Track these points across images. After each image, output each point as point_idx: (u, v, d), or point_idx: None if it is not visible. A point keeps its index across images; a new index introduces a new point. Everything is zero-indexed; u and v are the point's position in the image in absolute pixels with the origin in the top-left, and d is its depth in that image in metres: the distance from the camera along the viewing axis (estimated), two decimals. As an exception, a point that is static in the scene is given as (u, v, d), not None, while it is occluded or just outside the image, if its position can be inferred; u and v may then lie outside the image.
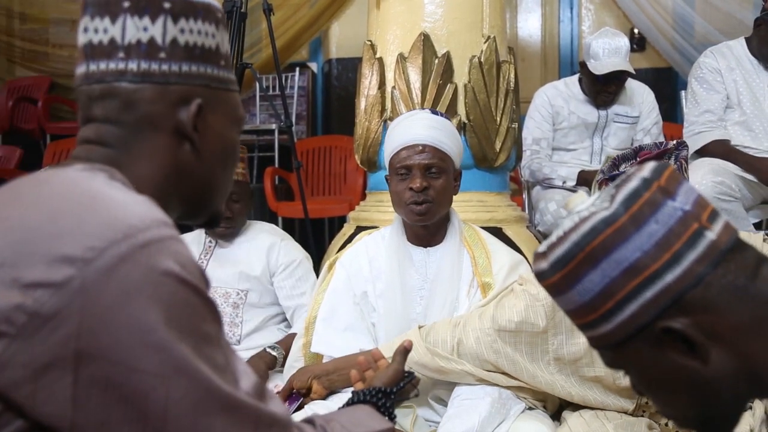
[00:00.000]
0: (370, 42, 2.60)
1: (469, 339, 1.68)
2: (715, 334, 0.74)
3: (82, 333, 0.66)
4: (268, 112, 5.34)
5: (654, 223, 0.74)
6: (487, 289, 1.80)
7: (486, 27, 2.52)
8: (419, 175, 1.78)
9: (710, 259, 0.74)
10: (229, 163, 0.94)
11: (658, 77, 5.12)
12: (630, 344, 0.77)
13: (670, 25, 5.28)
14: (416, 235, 1.87)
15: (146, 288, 0.68)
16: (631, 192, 0.76)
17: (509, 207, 2.59)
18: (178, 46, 0.85)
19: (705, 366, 0.74)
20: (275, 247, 2.27)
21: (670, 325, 0.74)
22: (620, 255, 0.75)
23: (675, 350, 0.75)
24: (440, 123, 1.83)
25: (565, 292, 0.79)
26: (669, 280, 0.73)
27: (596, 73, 2.95)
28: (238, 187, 2.17)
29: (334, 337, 1.84)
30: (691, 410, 0.78)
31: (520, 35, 5.83)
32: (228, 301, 2.23)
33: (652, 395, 0.80)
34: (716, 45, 2.99)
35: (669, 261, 0.74)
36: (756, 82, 2.83)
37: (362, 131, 2.58)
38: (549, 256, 0.79)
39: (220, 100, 0.90)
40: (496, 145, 2.50)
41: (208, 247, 2.29)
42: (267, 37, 3.47)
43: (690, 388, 0.76)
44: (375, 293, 1.86)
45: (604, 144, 3.17)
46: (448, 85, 2.44)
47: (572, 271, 0.77)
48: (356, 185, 4.61)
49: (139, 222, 0.71)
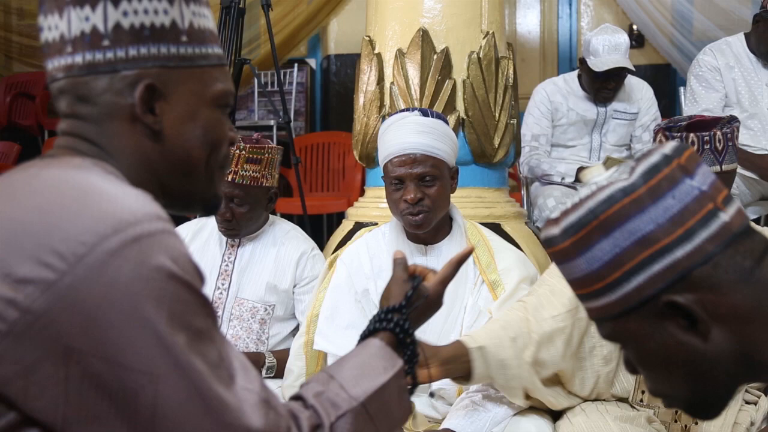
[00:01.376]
0: (368, 38, 2.60)
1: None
2: (717, 314, 0.75)
3: (73, 330, 0.66)
4: (267, 108, 5.34)
5: (671, 198, 0.75)
6: (495, 287, 1.80)
7: (485, 23, 2.52)
8: (413, 188, 1.75)
9: (722, 239, 0.75)
10: (210, 142, 0.88)
11: (656, 74, 5.11)
12: (632, 316, 0.77)
13: (668, 21, 5.28)
14: (416, 234, 1.86)
15: (136, 284, 0.68)
16: (652, 166, 0.77)
17: (508, 203, 2.59)
18: (122, 30, 0.81)
19: (704, 343, 0.75)
20: (305, 256, 2.14)
21: (675, 299, 0.74)
22: (634, 225, 0.75)
23: (676, 325, 0.76)
24: (431, 126, 1.79)
25: (573, 259, 0.79)
26: (679, 255, 0.74)
27: (596, 70, 2.95)
28: (240, 190, 2.03)
29: (336, 334, 1.83)
30: (684, 388, 0.78)
31: (519, 31, 5.83)
32: (255, 318, 2.10)
33: (647, 371, 0.81)
34: (715, 42, 2.99)
35: (681, 236, 0.75)
36: (755, 80, 2.84)
37: (361, 127, 2.57)
38: (561, 222, 0.79)
39: (184, 78, 0.85)
40: (495, 141, 2.50)
41: (231, 248, 2.15)
42: (265, 33, 3.47)
43: (687, 364, 0.76)
44: (377, 291, 1.85)
45: (602, 140, 3.17)
46: (447, 81, 2.44)
47: (584, 237, 0.77)
48: (355, 181, 4.61)
49: (129, 216, 0.71)
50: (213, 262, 2.14)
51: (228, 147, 0.93)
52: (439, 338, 1.79)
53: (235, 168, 2.02)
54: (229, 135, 0.92)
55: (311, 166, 5.02)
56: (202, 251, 2.16)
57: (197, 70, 0.86)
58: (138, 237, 0.70)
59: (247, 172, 2.04)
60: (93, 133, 0.83)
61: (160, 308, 0.69)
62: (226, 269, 2.14)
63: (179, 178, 0.87)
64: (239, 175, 2.03)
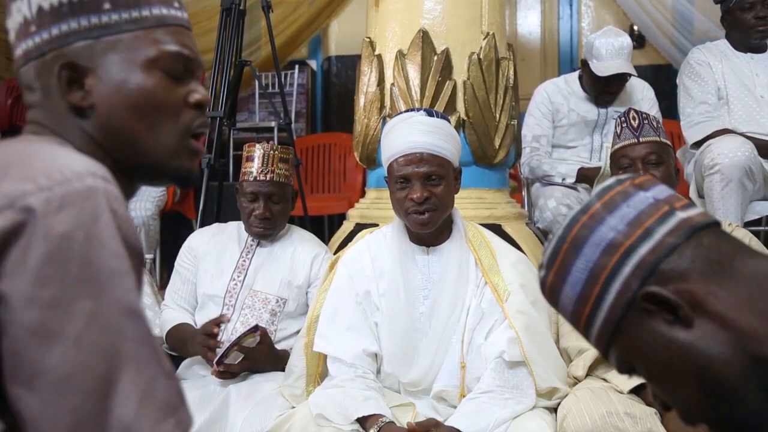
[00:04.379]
0: (369, 39, 2.60)
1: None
2: (696, 302, 0.76)
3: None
4: (268, 109, 5.34)
5: (626, 207, 0.81)
6: (498, 289, 1.80)
7: (485, 24, 2.52)
8: (419, 186, 1.76)
9: (681, 231, 0.79)
10: (150, 110, 0.83)
11: (657, 74, 5.11)
12: (624, 328, 0.79)
13: (669, 22, 5.27)
14: (418, 236, 1.86)
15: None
16: (605, 186, 0.84)
17: (508, 204, 2.59)
18: (43, 12, 0.80)
19: (689, 332, 0.76)
20: (319, 257, 2.23)
21: (649, 290, 0.77)
22: (597, 237, 0.81)
23: (662, 322, 0.77)
24: (437, 126, 1.81)
25: (561, 291, 0.83)
26: (643, 252, 0.78)
27: (599, 74, 2.95)
28: (278, 188, 2.15)
29: (336, 337, 1.84)
30: (697, 393, 0.77)
31: (519, 32, 5.83)
32: (266, 308, 2.16)
33: (660, 386, 0.81)
34: (703, 44, 3.02)
35: (641, 236, 0.79)
36: (746, 71, 2.85)
37: (361, 128, 2.58)
38: (544, 259, 0.85)
39: (110, 46, 0.81)
40: (495, 142, 2.50)
41: (250, 246, 2.24)
42: (266, 35, 3.47)
43: (684, 363, 0.77)
44: (378, 292, 1.85)
45: (603, 141, 3.16)
46: (447, 82, 2.44)
47: (561, 263, 0.83)
48: (356, 183, 4.61)
49: (71, 173, 0.69)
50: (231, 257, 2.23)
51: (194, 111, 0.87)
52: (441, 339, 1.79)
53: (272, 167, 2.16)
54: (190, 99, 0.86)
55: (312, 167, 5.02)
56: (221, 250, 2.25)
57: (126, 36, 0.82)
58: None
59: (281, 170, 2.18)
60: (44, 119, 0.84)
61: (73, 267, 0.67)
62: (243, 263, 2.23)
63: (126, 151, 0.84)
64: (276, 173, 2.16)
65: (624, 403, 1.63)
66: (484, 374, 1.75)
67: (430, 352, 1.80)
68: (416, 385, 1.81)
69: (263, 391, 1.95)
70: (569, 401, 1.68)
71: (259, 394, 1.94)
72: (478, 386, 1.74)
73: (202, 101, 0.88)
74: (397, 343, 1.81)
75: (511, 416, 1.68)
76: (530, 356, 1.73)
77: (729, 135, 2.68)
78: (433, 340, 1.80)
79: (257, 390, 1.97)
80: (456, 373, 1.79)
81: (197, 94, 0.87)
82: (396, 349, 1.81)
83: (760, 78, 2.84)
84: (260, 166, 2.15)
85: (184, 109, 0.86)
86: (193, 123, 0.87)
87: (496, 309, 1.79)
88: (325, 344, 1.85)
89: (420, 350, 1.80)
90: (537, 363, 1.74)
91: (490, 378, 1.73)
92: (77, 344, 0.64)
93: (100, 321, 0.65)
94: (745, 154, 2.54)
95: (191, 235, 2.34)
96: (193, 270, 2.26)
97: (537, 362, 1.74)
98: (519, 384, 1.73)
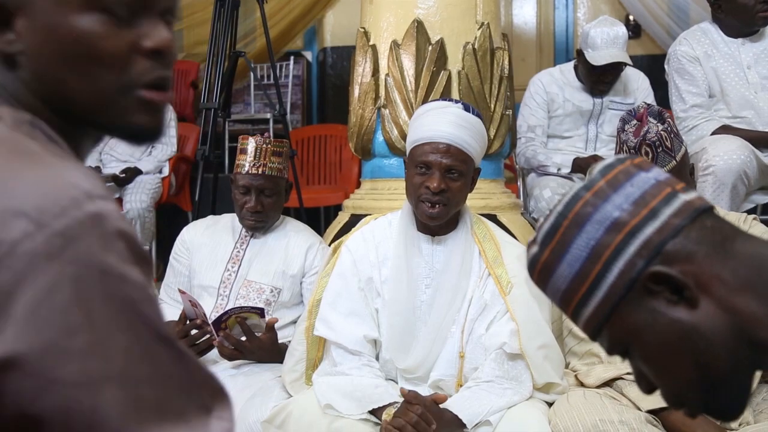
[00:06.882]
0: (363, 29, 2.60)
1: None
2: (701, 283, 0.76)
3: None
4: (263, 101, 5.34)
5: (630, 186, 0.80)
6: (501, 281, 1.81)
7: (480, 13, 2.51)
8: (438, 176, 1.74)
9: (686, 213, 0.78)
10: (81, 59, 0.69)
11: (653, 64, 5.10)
12: (623, 308, 0.78)
13: (665, 12, 5.27)
14: (425, 225, 1.86)
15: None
16: (607, 164, 0.82)
17: (504, 194, 2.59)
18: None
19: (694, 311, 0.76)
20: (314, 248, 2.23)
21: (656, 270, 0.76)
22: (601, 215, 0.79)
23: (665, 302, 0.77)
24: (470, 122, 1.79)
25: (557, 269, 0.81)
26: (649, 233, 0.77)
27: (594, 64, 2.95)
28: (270, 182, 2.14)
29: (337, 321, 1.83)
30: (691, 377, 0.78)
31: (515, 22, 5.82)
32: (261, 297, 2.16)
33: (654, 369, 0.80)
34: (689, 29, 2.95)
35: (647, 215, 0.78)
36: (736, 64, 2.79)
37: (356, 119, 2.57)
38: (538, 236, 0.83)
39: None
40: (491, 132, 2.49)
41: (244, 237, 2.25)
42: (261, 26, 3.46)
43: (685, 344, 0.77)
44: (380, 279, 1.85)
45: (599, 131, 3.16)
46: (442, 72, 2.44)
47: (560, 240, 0.81)
48: (352, 174, 4.60)
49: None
50: (225, 249, 2.24)
51: (149, 61, 0.72)
52: (441, 329, 1.80)
53: (264, 161, 2.15)
54: (142, 45, 0.71)
55: (308, 158, 5.02)
56: (215, 241, 2.25)
57: None
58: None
59: (274, 164, 2.17)
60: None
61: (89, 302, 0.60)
62: (237, 255, 2.23)
63: (65, 105, 0.71)
64: (268, 167, 2.15)
65: (618, 410, 1.61)
66: (485, 364, 1.76)
67: (428, 341, 1.80)
68: (412, 372, 1.82)
69: (260, 381, 1.96)
70: (561, 407, 1.67)
71: (256, 384, 1.95)
72: (476, 375, 1.75)
73: (158, 47, 0.72)
74: (397, 329, 1.81)
75: (507, 405, 1.69)
76: (528, 350, 1.73)
77: (726, 136, 2.63)
78: (432, 329, 1.80)
79: (254, 380, 1.97)
80: (454, 363, 1.79)
81: (150, 40, 0.71)
82: (395, 336, 1.81)
83: (753, 64, 2.81)
84: (253, 160, 2.15)
85: (134, 57, 0.71)
86: (143, 76, 0.72)
87: (498, 301, 1.80)
88: (325, 329, 1.85)
89: (418, 338, 1.81)
90: (535, 357, 1.74)
91: (490, 368, 1.74)
92: (124, 380, 0.59)
93: (138, 352, 0.60)
94: (741, 158, 2.49)
95: (185, 228, 2.35)
96: (187, 263, 2.26)
97: (535, 356, 1.74)
98: (518, 376, 1.74)
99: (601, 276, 0.78)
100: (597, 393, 1.70)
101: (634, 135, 1.78)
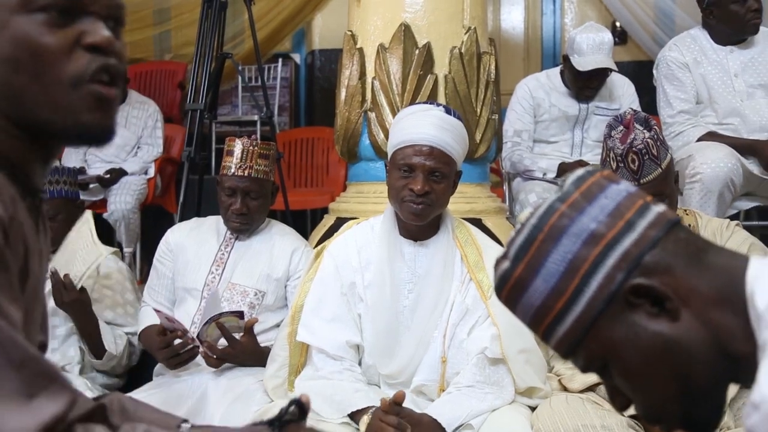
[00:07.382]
0: (350, 32, 2.59)
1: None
2: (680, 295, 0.75)
3: None
4: (250, 103, 5.32)
5: (604, 198, 0.79)
6: (483, 286, 1.81)
7: (467, 18, 2.52)
8: (422, 179, 1.75)
9: (661, 225, 0.78)
10: (25, 60, 0.71)
11: (639, 70, 5.13)
12: (602, 323, 0.77)
13: (651, 18, 5.31)
14: (408, 229, 1.86)
15: None
16: (579, 176, 0.81)
17: (489, 198, 2.60)
18: None
19: (675, 324, 0.75)
20: (298, 251, 2.23)
21: (638, 282, 0.75)
22: (578, 227, 0.78)
23: (645, 314, 0.76)
24: (452, 125, 1.80)
25: (531, 284, 0.79)
26: (627, 245, 0.77)
27: (580, 69, 2.96)
28: (256, 184, 2.13)
29: (320, 327, 1.83)
30: (670, 392, 0.77)
31: (503, 27, 5.84)
32: (245, 300, 2.16)
33: (633, 384, 0.79)
34: (678, 35, 2.96)
35: (624, 227, 0.77)
36: (723, 71, 2.81)
37: (342, 122, 2.57)
38: (509, 251, 0.81)
39: None
40: (477, 136, 2.50)
41: (229, 240, 2.24)
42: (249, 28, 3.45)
43: (665, 358, 0.76)
44: (363, 284, 1.85)
45: (584, 136, 3.18)
46: (429, 76, 2.44)
47: (535, 254, 0.79)
48: (338, 177, 4.60)
49: None
50: (209, 251, 2.23)
51: (90, 54, 0.74)
52: (424, 334, 1.80)
53: (250, 163, 2.14)
54: (82, 41, 0.73)
55: (295, 161, 5.00)
56: (199, 243, 2.24)
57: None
58: None
59: (260, 166, 2.16)
60: None
61: None
62: (222, 257, 2.22)
63: (17, 110, 0.73)
64: (254, 169, 2.15)
65: (600, 415, 1.61)
66: (466, 369, 1.76)
67: (410, 346, 1.80)
68: (395, 377, 1.82)
69: (242, 386, 1.95)
70: (544, 412, 1.67)
71: (238, 388, 1.94)
72: (457, 380, 1.75)
73: (97, 42, 0.74)
74: (379, 335, 1.81)
75: (489, 409, 1.69)
76: (510, 354, 1.74)
77: (713, 144, 2.63)
78: (415, 334, 1.80)
79: (236, 384, 1.96)
80: (436, 368, 1.79)
81: (89, 36, 0.74)
82: (377, 341, 1.81)
83: (740, 73, 2.82)
84: (239, 162, 2.14)
85: (76, 53, 0.73)
86: (88, 68, 0.74)
87: (479, 306, 1.80)
88: (308, 334, 1.84)
89: (401, 343, 1.81)
90: (516, 361, 1.75)
91: (471, 373, 1.74)
92: None
93: None
94: (728, 166, 2.50)
95: (169, 230, 2.33)
96: (171, 265, 2.24)
97: (516, 361, 1.75)
98: (499, 381, 1.75)
99: (578, 291, 0.77)
100: (579, 398, 1.70)
101: (620, 142, 1.77)
